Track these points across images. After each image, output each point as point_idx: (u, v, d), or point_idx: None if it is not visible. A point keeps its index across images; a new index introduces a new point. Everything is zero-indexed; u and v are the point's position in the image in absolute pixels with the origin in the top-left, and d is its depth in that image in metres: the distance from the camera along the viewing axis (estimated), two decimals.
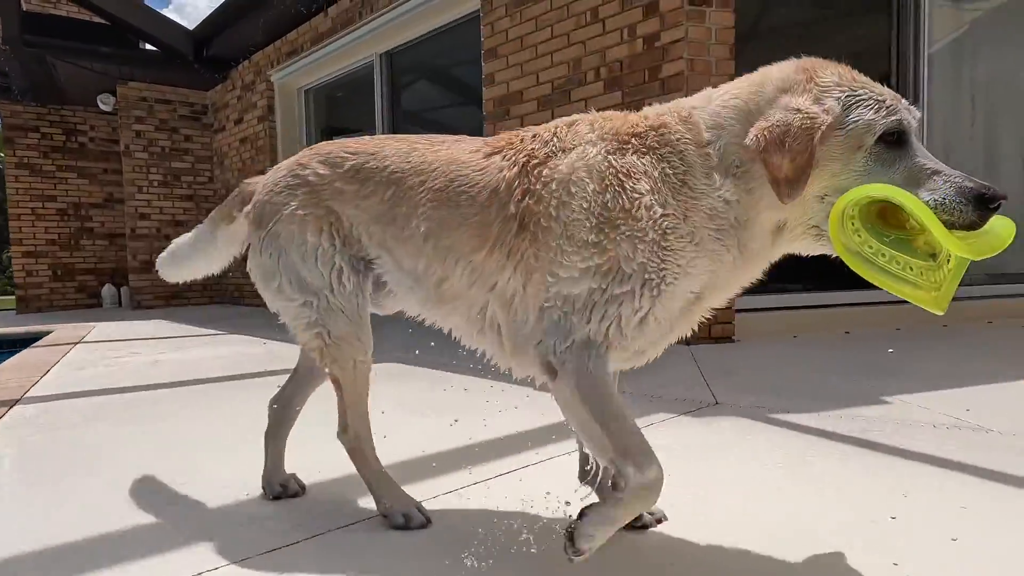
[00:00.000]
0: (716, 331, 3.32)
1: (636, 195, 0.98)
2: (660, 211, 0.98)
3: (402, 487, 1.30)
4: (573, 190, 1.01)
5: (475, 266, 1.09)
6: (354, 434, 1.26)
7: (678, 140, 1.02)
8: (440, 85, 6.16)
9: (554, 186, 1.03)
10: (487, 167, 1.11)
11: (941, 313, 0.90)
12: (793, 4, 4.31)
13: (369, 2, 5.44)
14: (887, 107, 0.94)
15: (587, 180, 1.01)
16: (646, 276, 0.97)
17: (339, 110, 7.28)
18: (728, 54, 3.24)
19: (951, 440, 1.71)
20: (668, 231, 0.98)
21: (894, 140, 0.94)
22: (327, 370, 1.25)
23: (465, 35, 4.78)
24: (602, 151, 1.03)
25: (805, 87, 0.97)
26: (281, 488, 1.39)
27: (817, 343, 3.32)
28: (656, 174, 1.00)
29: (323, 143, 1.32)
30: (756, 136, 0.95)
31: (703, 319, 1.11)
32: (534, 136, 1.11)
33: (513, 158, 1.09)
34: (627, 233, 0.98)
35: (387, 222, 1.18)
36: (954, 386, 2.29)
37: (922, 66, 3.94)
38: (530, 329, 1.05)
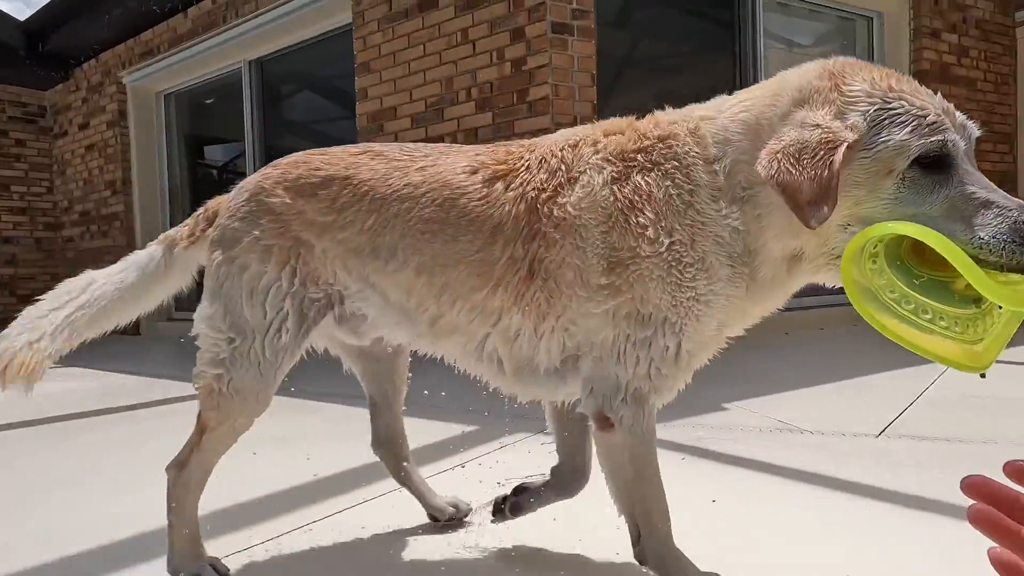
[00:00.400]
0: None
1: (640, 229, 0.92)
2: (667, 241, 0.91)
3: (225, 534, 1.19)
4: (584, 235, 0.95)
5: (475, 305, 1.01)
6: (186, 478, 1.10)
7: (686, 154, 0.94)
8: (319, 95, 5.92)
9: (566, 228, 0.96)
10: (489, 197, 1.00)
11: (980, 372, 0.74)
12: (654, 39, 4.66)
13: (234, 6, 5.11)
14: (928, 124, 0.79)
15: (593, 222, 0.95)
16: (665, 315, 0.92)
17: (206, 118, 6.74)
18: (590, 81, 3.41)
19: (774, 442, 1.87)
20: (675, 263, 0.91)
21: (933, 163, 0.79)
22: (201, 410, 1.10)
23: (340, 47, 4.64)
24: (607, 180, 0.95)
25: (827, 97, 0.84)
26: (453, 508, 1.34)
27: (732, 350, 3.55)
28: (660, 195, 0.93)
29: (289, 158, 1.14)
30: (767, 161, 0.83)
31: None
32: (541, 161, 1.00)
33: (520, 189, 0.99)
34: (637, 273, 0.92)
35: (368, 255, 1.05)
36: (782, 390, 2.51)
37: None
38: (544, 365, 1.01)
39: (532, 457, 1.55)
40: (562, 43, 3.32)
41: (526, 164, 1.01)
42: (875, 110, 0.81)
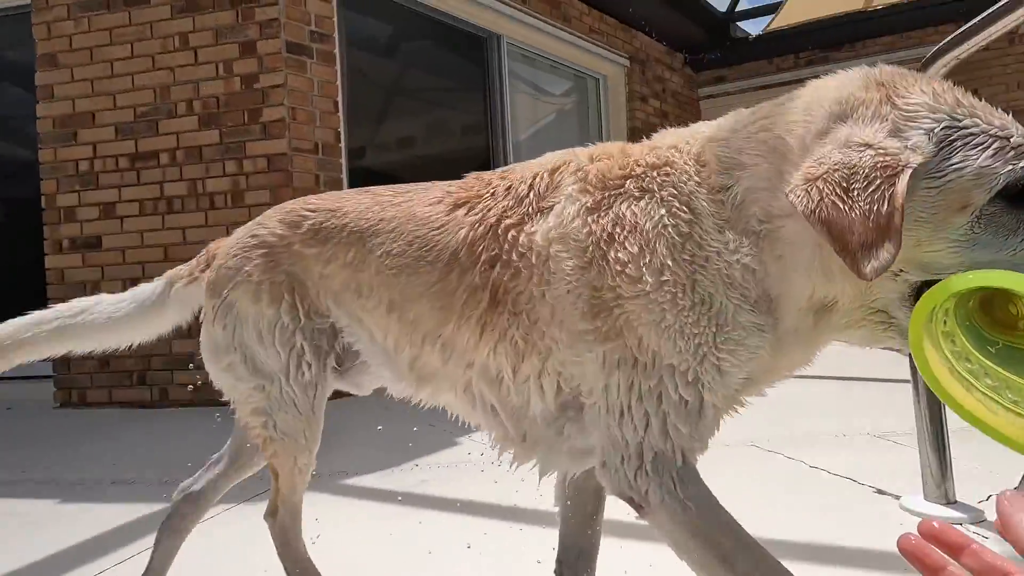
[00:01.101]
0: None
1: (619, 266, 0.77)
2: (653, 280, 0.75)
3: None
4: (553, 268, 0.81)
5: (445, 341, 0.92)
6: (281, 523, 1.15)
7: (685, 181, 0.78)
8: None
9: (533, 259, 0.83)
10: (447, 224, 0.92)
11: None
12: (417, 71, 4.73)
13: None
14: (1015, 148, 0.62)
15: (565, 255, 0.81)
16: (671, 363, 0.76)
17: None
18: (333, 107, 3.27)
19: (500, 476, 1.91)
20: (669, 306, 0.75)
21: (1019, 196, 0.62)
22: (267, 461, 1.12)
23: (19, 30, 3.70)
24: (582, 212, 0.81)
25: (879, 111, 0.66)
26: None
27: None
28: (649, 226, 0.77)
29: (294, 200, 1.13)
30: (803, 191, 0.64)
31: None
32: (508, 189, 0.90)
33: (481, 214, 0.89)
34: (623, 316, 0.77)
35: (352, 290, 1.01)
36: None
37: (509, 145, 4.78)
38: (539, 412, 0.86)
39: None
40: (299, 65, 3.13)
41: (492, 191, 0.92)
42: (942, 128, 0.63)
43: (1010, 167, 0.61)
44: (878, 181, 0.61)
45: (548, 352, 0.83)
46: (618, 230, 0.78)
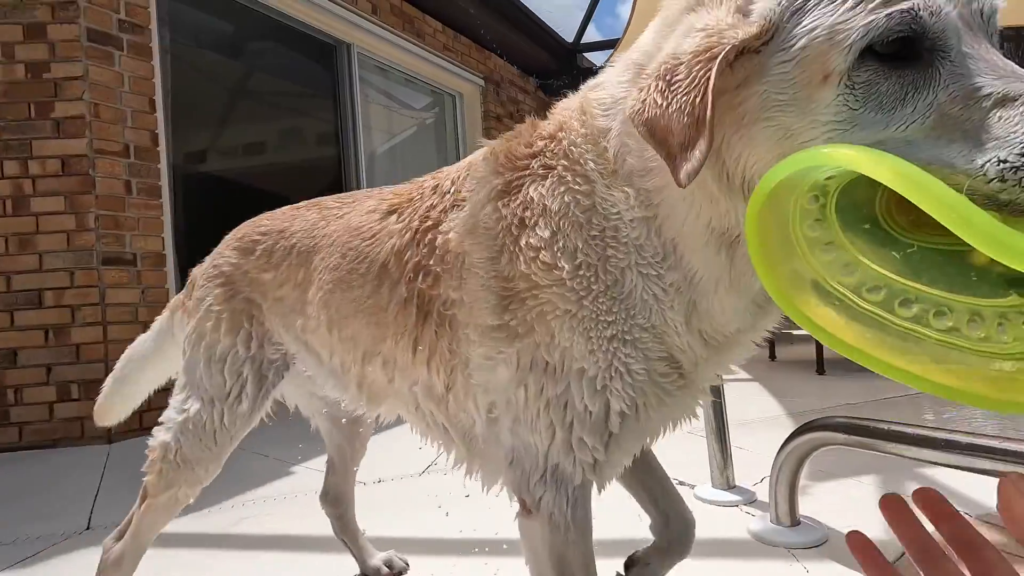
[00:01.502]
0: (149, 418, 2.83)
1: (532, 252, 0.68)
2: (568, 265, 0.66)
3: None
4: (466, 263, 0.74)
5: (385, 359, 0.86)
6: (119, 551, 1.09)
7: (572, 143, 0.68)
8: None
9: (449, 260, 0.76)
10: (378, 234, 0.87)
11: (1016, 412, 0.39)
12: (266, 74, 4.41)
13: None
14: None
15: (476, 247, 0.72)
16: (581, 366, 0.66)
17: None
18: (148, 107, 2.92)
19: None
20: (585, 292, 0.66)
21: (901, 54, 0.46)
22: (145, 479, 1.07)
23: None
24: (491, 197, 0.73)
25: None
26: (387, 568, 1.33)
27: (280, 408, 3.28)
28: (556, 207, 0.68)
29: (248, 221, 1.12)
30: (633, 98, 0.55)
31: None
32: (435, 187, 0.83)
33: (407, 220, 0.84)
34: (536, 309, 0.68)
35: (299, 311, 0.96)
36: None
37: (362, 155, 4.65)
38: (481, 432, 0.78)
39: None
40: (105, 56, 2.75)
41: (421, 192, 0.85)
42: None
43: (872, 17, 0.46)
44: (697, 68, 0.50)
45: (467, 360, 0.76)
46: (528, 214, 0.70)
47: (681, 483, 1.69)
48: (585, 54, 7.18)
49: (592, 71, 7.18)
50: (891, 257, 0.41)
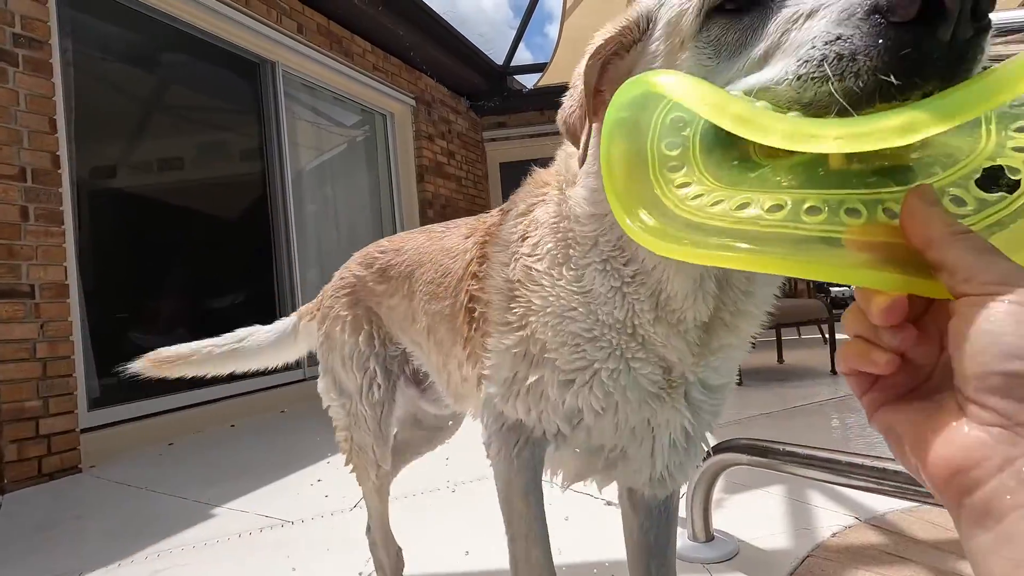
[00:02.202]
0: (50, 464, 2.61)
1: (524, 258, 0.78)
2: (542, 265, 0.75)
3: None
4: (490, 268, 0.84)
5: (460, 361, 0.95)
6: (372, 539, 1.35)
7: (562, 172, 0.77)
8: None
9: (484, 267, 0.86)
10: (459, 251, 0.98)
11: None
12: (185, 88, 4.20)
13: None
14: None
15: (495, 254, 0.84)
16: (551, 356, 0.73)
17: None
18: (48, 127, 2.72)
19: (257, 546, 1.73)
20: (551, 288, 0.73)
21: (738, 7, 0.50)
22: (352, 473, 1.26)
23: None
24: (515, 216, 0.83)
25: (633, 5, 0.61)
26: None
27: (195, 446, 3.10)
28: (544, 219, 0.77)
29: (371, 244, 1.29)
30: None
31: None
32: (501, 209, 0.92)
33: (476, 238, 0.94)
34: (526, 306, 0.77)
35: (408, 318, 1.11)
36: (281, 476, 2.42)
37: (288, 172, 4.52)
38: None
39: None
40: None
41: (490, 214, 0.97)
42: None
43: None
44: (585, 65, 0.58)
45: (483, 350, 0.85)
46: (530, 228, 0.79)
47: (609, 503, 1.77)
48: (515, 76, 7.36)
49: (522, 93, 7.37)
50: (755, 178, 0.39)
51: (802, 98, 0.39)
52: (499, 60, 6.96)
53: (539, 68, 6.80)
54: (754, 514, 1.63)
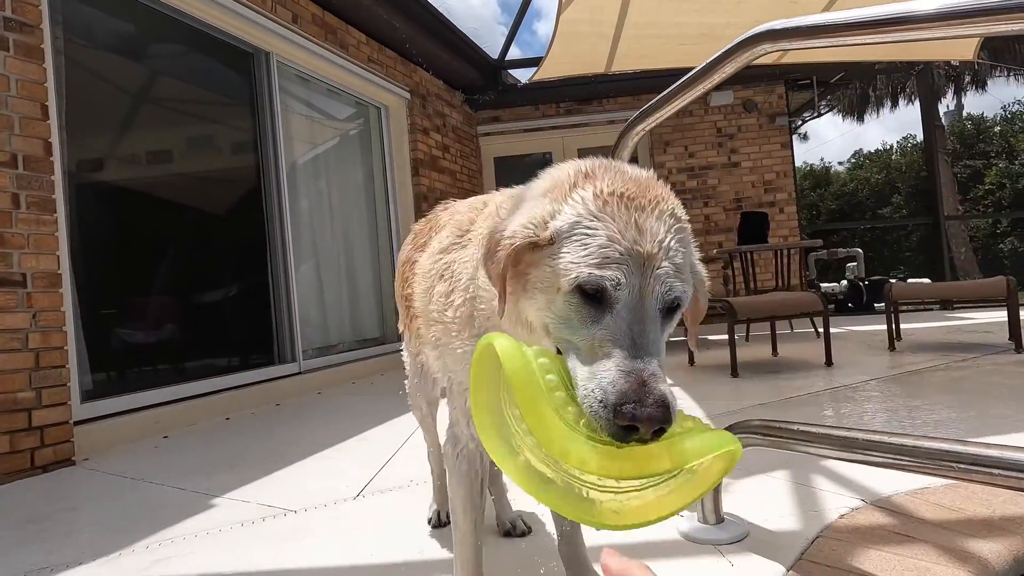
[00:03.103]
0: (43, 456, 2.56)
1: (438, 297, 1.04)
2: (450, 315, 1.01)
3: None
4: (417, 289, 1.13)
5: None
6: (428, 453, 1.70)
7: (488, 216, 1.03)
8: None
9: (412, 282, 1.17)
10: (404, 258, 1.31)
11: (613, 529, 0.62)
12: (175, 79, 4.14)
13: None
14: (601, 256, 0.69)
15: (419, 279, 1.12)
16: (450, 373, 1.03)
17: None
18: (40, 113, 2.67)
19: (261, 534, 1.71)
20: (450, 323, 1.01)
21: (594, 297, 0.69)
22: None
23: None
24: (441, 247, 1.08)
25: (561, 193, 0.76)
26: (511, 526, 1.57)
27: (190, 439, 3.06)
28: (463, 273, 1.01)
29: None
30: (484, 242, 0.82)
31: None
32: (428, 220, 1.28)
33: (408, 253, 1.28)
34: (441, 330, 1.02)
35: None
36: (280, 467, 2.40)
37: (283, 165, 4.47)
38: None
39: None
40: None
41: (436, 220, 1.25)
42: (573, 222, 0.73)
43: (585, 271, 0.69)
44: (504, 248, 0.75)
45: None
46: (446, 274, 1.02)
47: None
48: (510, 71, 7.34)
49: (516, 87, 7.36)
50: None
51: (592, 423, 0.62)
52: (494, 54, 6.94)
53: (534, 63, 6.78)
54: (762, 498, 1.63)
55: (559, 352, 0.71)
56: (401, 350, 1.63)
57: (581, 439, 0.59)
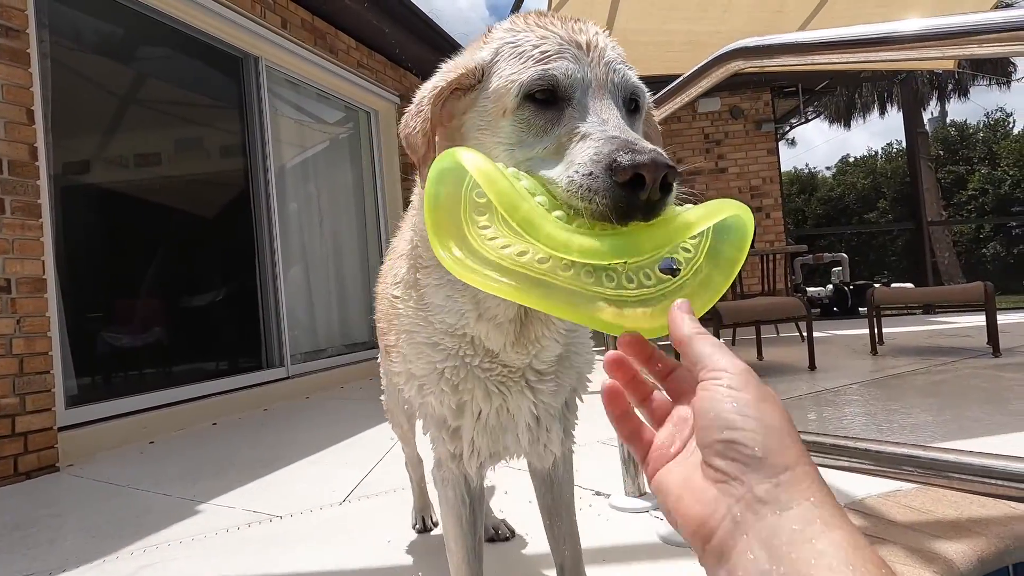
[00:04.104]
0: (27, 462, 2.55)
1: (392, 289, 0.95)
2: (399, 292, 0.92)
3: None
4: (380, 296, 1.07)
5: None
6: (406, 464, 1.73)
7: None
8: None
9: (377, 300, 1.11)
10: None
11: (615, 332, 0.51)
12: (162, 81, 4.13)
13: None
14: (540, 53, 0.64)
15: (381, 283, 1.10)
16: (410, 367, 0.88)
17: None
18: (26, 118, 2.66)
19: (246, 540, 1.72)
20: (404, 309, 0.89)
21: (548, 100, 0.64)
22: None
23: None
24: (391, 247, 1.07)
25: (478, 43, 0.72)
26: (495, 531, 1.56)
27: (177, 444, 3.05)
28: (404, 246, 0.95)
29: None
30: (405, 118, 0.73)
31: None
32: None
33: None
34: (397, 327, 0.91)
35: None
36: (267, 472, 2.40)
37: (271, 169, 4.47)
38: None
39: None
40: None
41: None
42: (500, 45, 0.68)
43: (528, 73, 0.64)
44: (427, 101, 0.69)
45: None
46: (392, 261, 0.97)
47: (597, 493, 1.79)
48: None
49: None
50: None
51: (569, 201, 0.55)
52: None
53: None
54: None
55: None
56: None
57: (582, 230, 0.51)
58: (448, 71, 0.70)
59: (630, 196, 0.52)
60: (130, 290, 3.77)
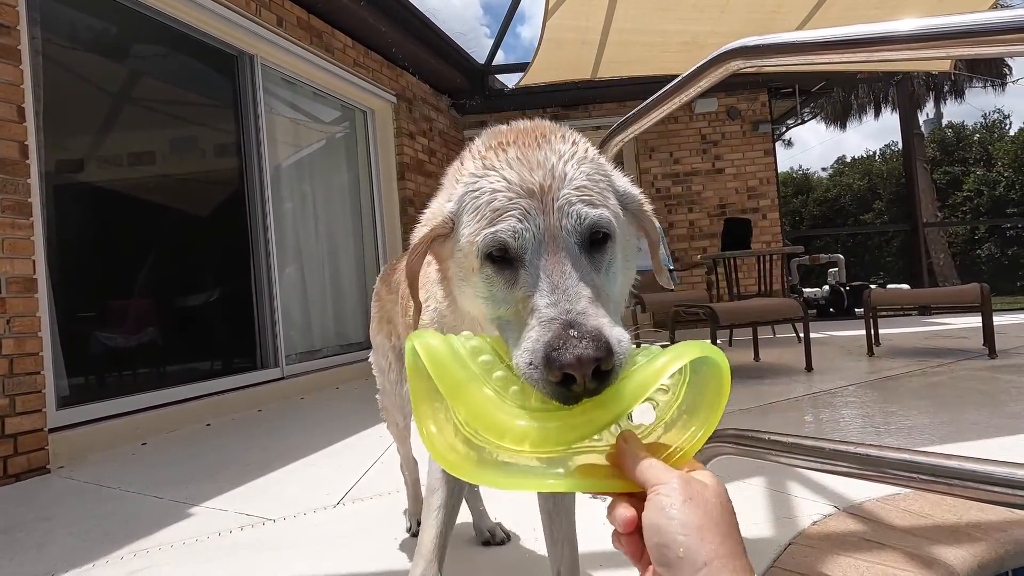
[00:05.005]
0: (16, 464, 2.52)
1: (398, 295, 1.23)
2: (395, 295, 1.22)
3: None
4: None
5: None
6: (401, 466, 1.75)
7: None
8: None
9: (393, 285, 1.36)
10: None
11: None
12: (156, 79, 4.09)
13: None
14: (492, 211, 0.63)
15: (383, 284, 1.55)
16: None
17: None
18: (16, 115, 2.63)
19: (238, 544, 1.69)
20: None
21: (504, 259, 0.63)
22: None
23: None
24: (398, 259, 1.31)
25: (456, 175, 0.72)
26: (490, 535, 1.57)
27: (170, 446, 3.02)
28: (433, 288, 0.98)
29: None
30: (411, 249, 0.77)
31: None
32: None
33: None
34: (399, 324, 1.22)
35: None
36: (261, 474, 2.37)
37: (267, 168, 4.44)
38: None
39: None
40: None
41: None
42: (464, 193, 0.66)
43: (479, 236, 0.63)
44: (414, 251, 0.73)
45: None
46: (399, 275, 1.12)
47: (593, 496, 1.77)
48: (496, 75, 7.36)
49: (503, 92, 7.38)
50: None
51: (523, 380, 0.55)
52: (480, 59, 6.95)
53: (521, 67, 6.80)
54: (737, 506, 1.64)
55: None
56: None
57: (515, 411, 0.53)
58: (426, 221, 0.73)
59: (565, 392, 0.52)
60: (123, 290, 3.73)
